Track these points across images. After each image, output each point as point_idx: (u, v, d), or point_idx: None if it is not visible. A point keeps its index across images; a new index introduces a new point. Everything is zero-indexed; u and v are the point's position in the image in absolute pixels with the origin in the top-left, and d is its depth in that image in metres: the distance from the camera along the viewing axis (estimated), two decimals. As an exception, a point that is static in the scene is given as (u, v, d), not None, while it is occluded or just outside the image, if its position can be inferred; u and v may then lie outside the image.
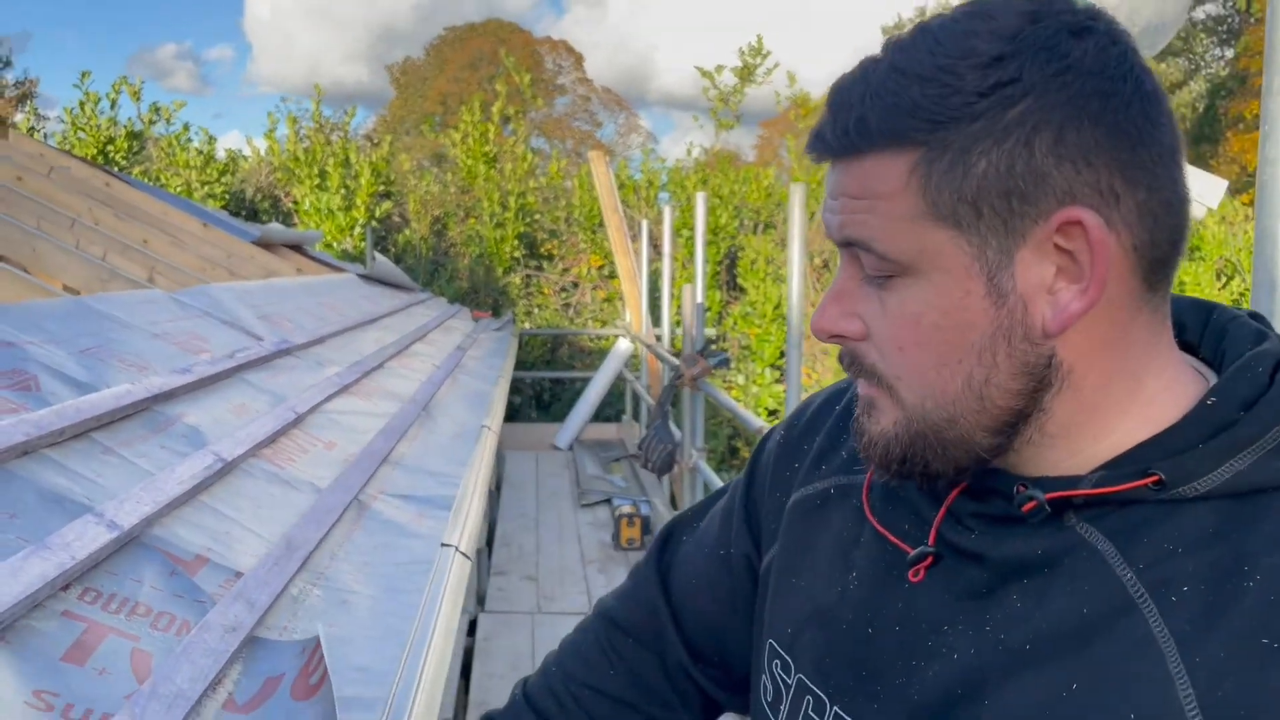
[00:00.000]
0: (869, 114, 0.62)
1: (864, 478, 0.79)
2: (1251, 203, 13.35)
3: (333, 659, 1.26)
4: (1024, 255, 0.61)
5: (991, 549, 0.65)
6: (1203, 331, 0.70)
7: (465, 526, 2.08)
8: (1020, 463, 0.66)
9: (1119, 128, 0.59)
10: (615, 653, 0.98)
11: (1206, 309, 0.71)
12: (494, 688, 4.04)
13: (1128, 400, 0.64)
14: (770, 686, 0.80)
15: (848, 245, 0.66)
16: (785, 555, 0.83)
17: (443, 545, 1.92)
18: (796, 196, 3.38)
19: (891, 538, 0.73)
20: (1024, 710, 0.60)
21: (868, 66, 0.64)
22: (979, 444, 0.65)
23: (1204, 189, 2.25)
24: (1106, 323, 0.62)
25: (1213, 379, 0.66)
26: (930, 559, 0.69)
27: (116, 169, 7.44)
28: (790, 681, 0.77)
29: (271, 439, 2.16)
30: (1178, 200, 0.62)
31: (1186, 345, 0.69)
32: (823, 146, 0.66)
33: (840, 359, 0.71)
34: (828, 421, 0.87)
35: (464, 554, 1.92)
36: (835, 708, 0.72)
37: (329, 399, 2.76)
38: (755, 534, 0.90)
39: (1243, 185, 16.27)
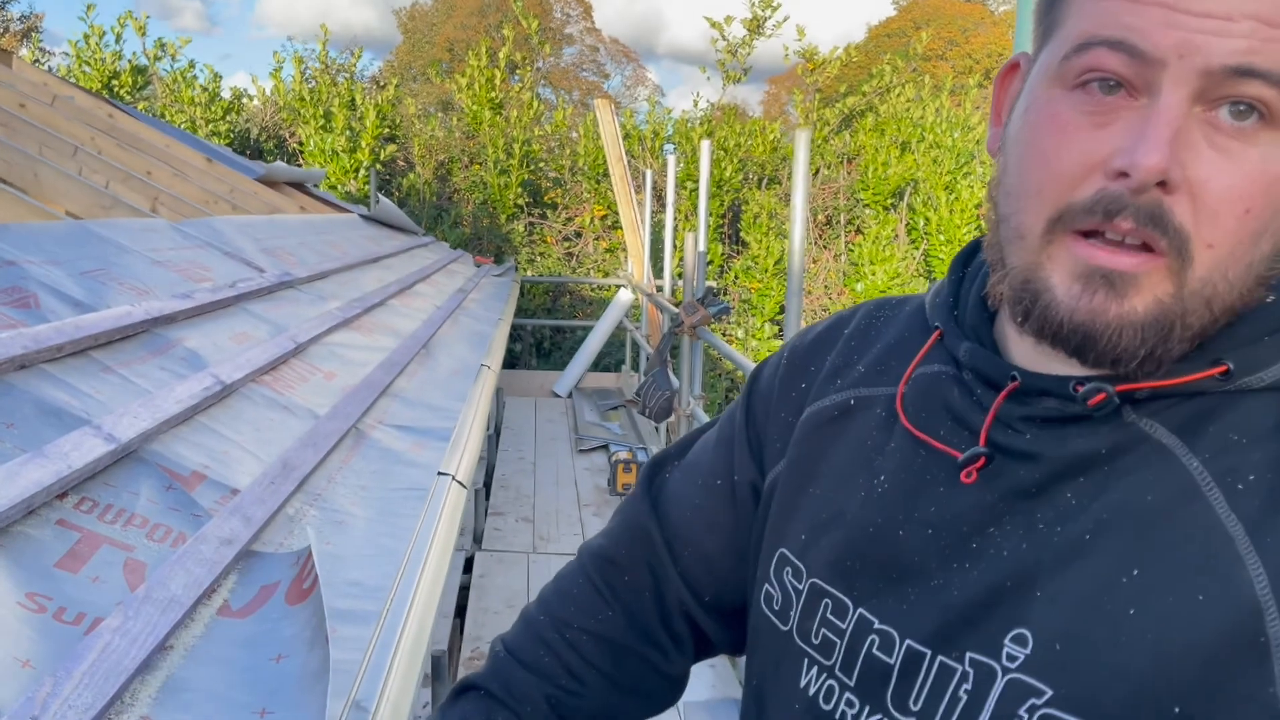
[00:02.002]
0: None
1: (887, 389, 0.77)
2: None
3: (328, 573, 1.27)
4: None
5: (1049, 448, 0.64)
6: None
7: (463, 457, 2.09)
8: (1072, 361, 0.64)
9: None
10: (610, 589, 0.93)
11: None
12: (489, 623, 4.09)
13: None
14: (778, 594, 0.78)
15: (1237, 75, 0.55)
16: (797, 467, 0.81)
17: (439, 474, 1.92)
18: (801, 143, 3.35)
19: (932, 441, 0.71)
20: (1080, 597, 0.59)
21: None
22: (1199, 331, 0.60)
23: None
24: None
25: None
26: (982, 460, 0.67)
27: (121, 103, 7.37)
28: (801, 587, 0.76)
29: (271, 366, 2.16)
30: None
31: None
32: None
33: (1108, 206, 0.58)
34: (838, 342, 0.85)
35: (460, 483, 1.93)
36: (860, 609, 0.70)
37: (329, 331, 2.76)
38: (759, 459, 0.88)
39: None
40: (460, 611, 4.26)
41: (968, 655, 0.63)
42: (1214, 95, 0.56)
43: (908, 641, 0.67)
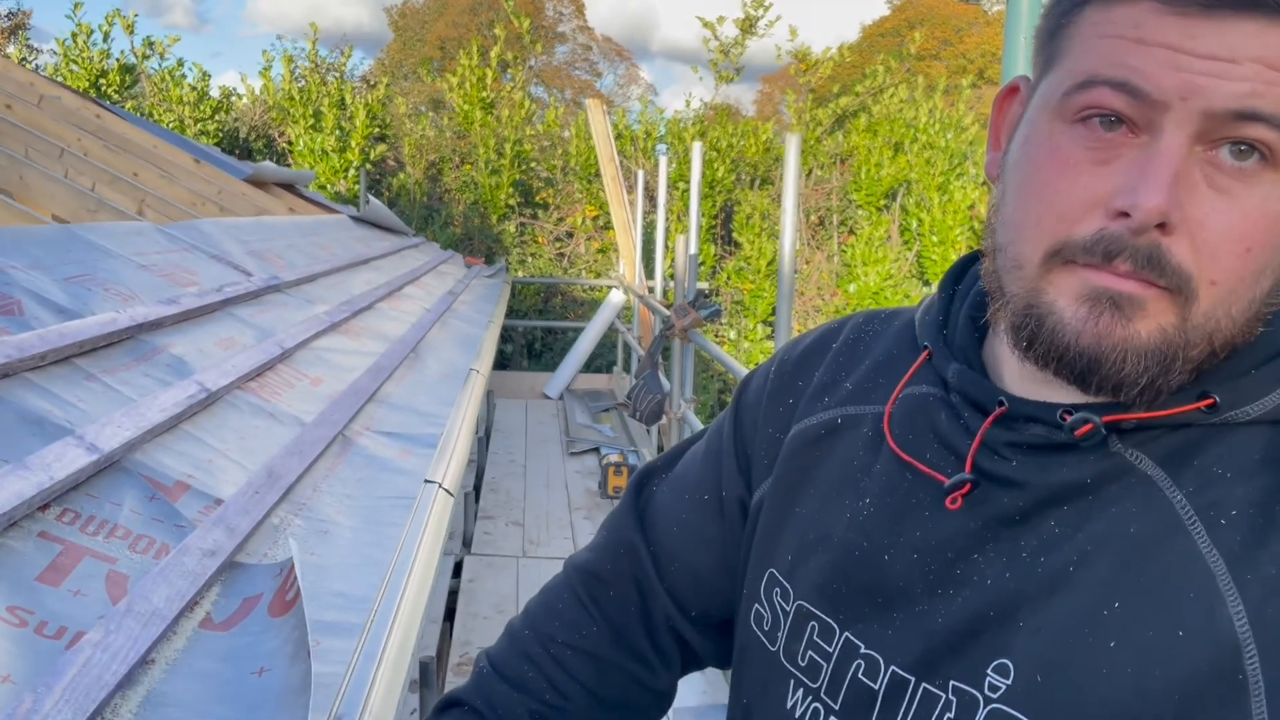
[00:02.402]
0: None
1: (875, 408, 0.77)
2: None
3: (312, 584, 1.27)
4: None
5: (1034, 476, 0.64)
6: None
7: (450, 464, 2.09)
8: (1062, 388, 0.65)
9: None
10: (596, 605, 0.92)
11: None
12: (478, 628, 4.08)
13: None
14: (768, 614, 0.78)
15: (1239, 119, 0.55)
16: (784, 486, 0.81)
17: (426, 481, 1.92)
18: (792, 146, 3.35)
19: (919, 465, 0.70)
20: (1062, 628, 0.59)
21: None
22: (1198, 365, 0.61)
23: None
24: None
25: None
26: (968, 487, 0.66)
27: (109, 103, 7.35)
28: (789, 608, 0.75)
29: (257, 372, 2.15)
30: None
31: None
32: None
33: (1108, 247, 0.58)
34: (825, 357, 0.85)
35: (447, 490, 1.92)
36: (846, 633, 0.70)
37: (317, 336, 2.75)
38: (746, 474, 0.87)
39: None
40: (449, 616, 4.26)
41: (951, 683, 0.63)
42: (1215, 136, 0.56)
43: (893, 667, 0.67)
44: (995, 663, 0.61)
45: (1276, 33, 0.54)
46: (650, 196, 10.05)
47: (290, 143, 11.75)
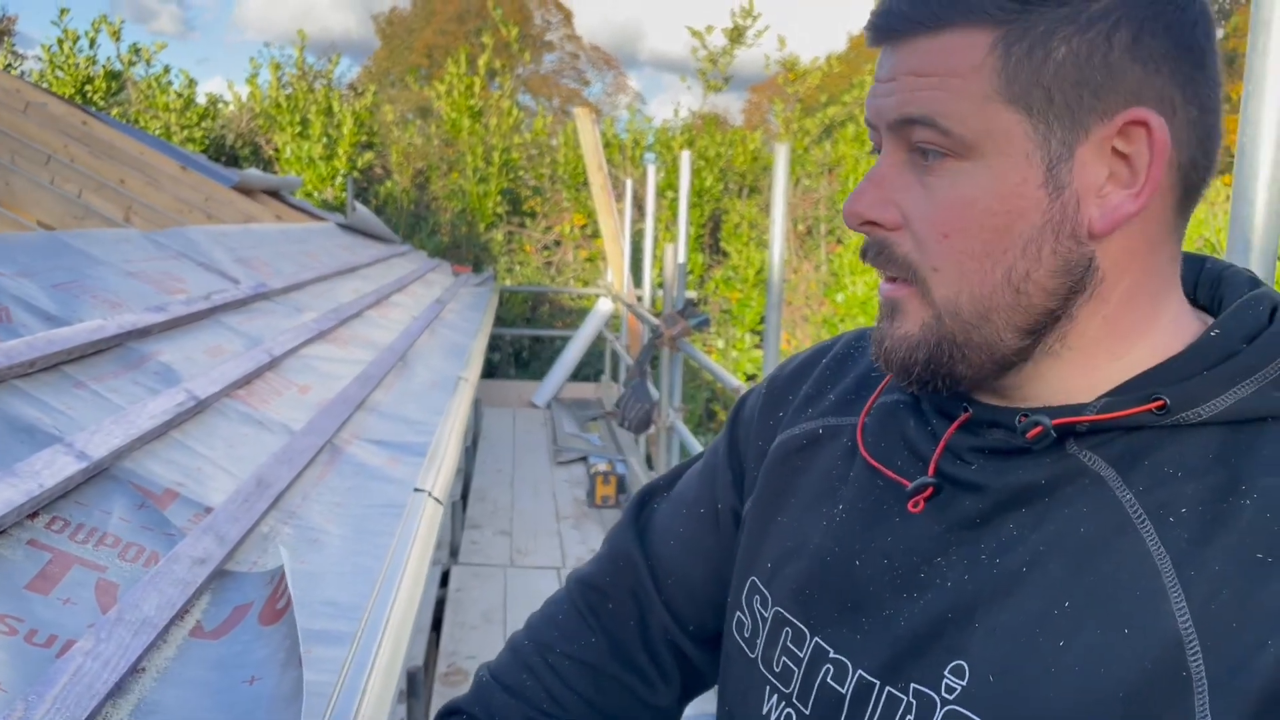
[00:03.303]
0: None
1: (853, 419, 0.79)
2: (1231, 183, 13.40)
3: (302, 593, 1.26)
4: (1083, 152, 0.61)
5: (992, 479, 0.65)
6: (1196, 280, 0.71)
7: (439, 473, 2.08)
8: (1031, 388, 0.67)
9: (1187, 43, 0.61)
10: (595, 616, 0.93)
11: (1198, 260, 0.72)
12: (465, 638, 4.07)
13: (1146, 324, 0.65)
14: (748, 622, 0.79)
15: (905, 124, 0.64)
16: (766, 495, 0.82)
17: (415, 490, 1.92)
18: (781, 156, 3.37)
19: (886, 471, 0.72)
20: (1014, 629, 0.60)
21: None
22: (1006, 344, 0.65)
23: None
24: (1142, 237, 0.63)
25: (1210, 321, 0.66)
26: (930, 490, 0.68)
27: (95, 109, 7.32)
28: (767, 615, 0.76)
29: (245, 380, 2.15)
30: (1218, 132, 0.64)
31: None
32: (894, 20, 0.64)
33: (864, 253, 0.68)
34: (814, 372, 0.87)
35: (436, 499, 1.92)
36: (816, 638, 0.71)
37: (305, 344, 2.75)
38: (739, 487, 0.89)
39: (1225, 166, 16.32)
40: (436, 626, 4.24)
41: (912, 686, 0.64)
42: (909, 144, 0.64)
43: (860, 671, 0.68)
44: (952, 664, 0.62)
45: (924, 44, 0.63)
46: (638, 205, 10.06)
47: (277, 150, 11.73)
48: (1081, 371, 0.65)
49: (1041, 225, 0.62)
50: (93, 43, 11.54)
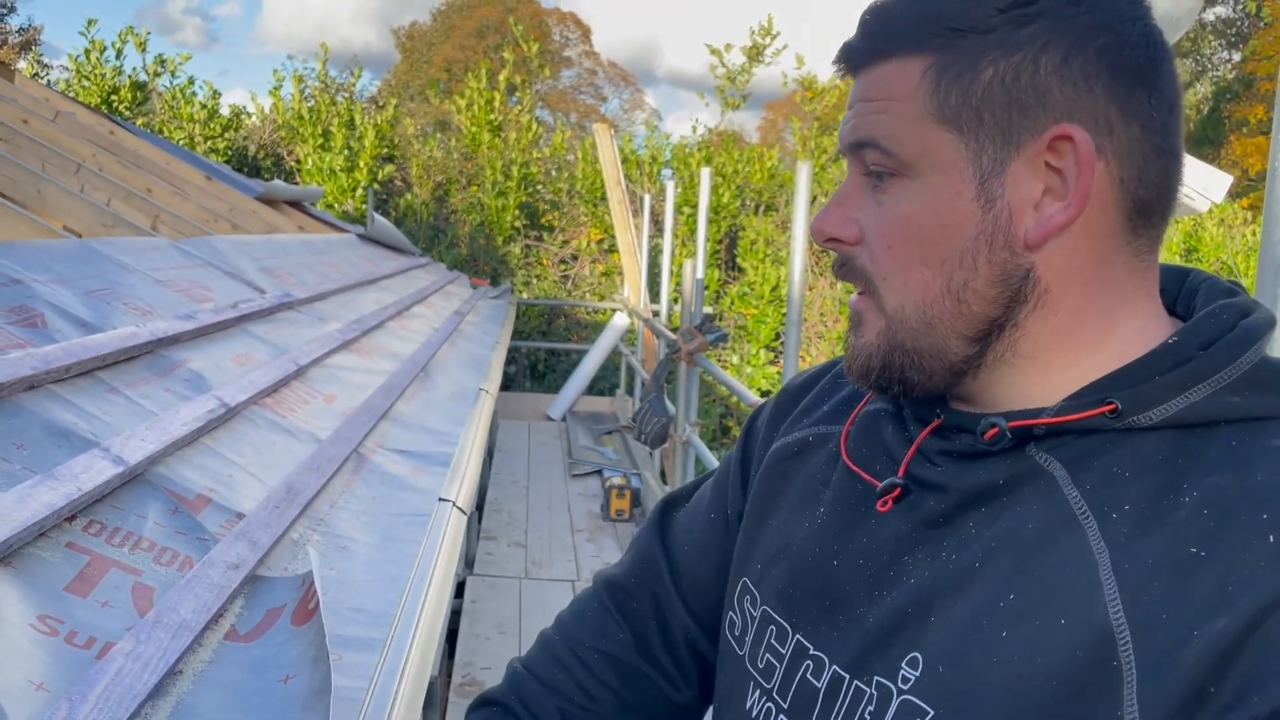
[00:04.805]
0: (894, 21, 0.67)
1: (841, 427, 0.82)
2: (1251, 206, 13.35)
3: (332, 599, 1.28)
4: (1016, 167, 0.65)
5: (954, 479, 0.68)
6: (1178, 292, 0.73)
7: (463, 483, 2.10)
8: (992, 395, 0.70)
9: (1122, 63, 0.64)
10: (621, 614, 0.97)
11: (1183, 272, 0.74)
12: (480, 649, 4.08)
13: (1101, 334, 0.67)
14: (738, 621, 0.83)
15: (858, 147, 0.69)
16: (759, 500, 0.86)
17: (440, 499, 1.93)
18: (802, 174, 3.38)
19: (863, 474, 0.75)
20: (964, 620, 0.62)
21: None
22: (954, 352, 0.68)
23: (1208, 183, 2.26)
24: (1087, 251, 0.66)
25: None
26: (898, 491, 0.71)
27: (121, 119, 7.40)
28: (756, 614, 0.80)
29: (273, 388, 2.17)
30: (1169, 149, 0.66)
31: (1166, 307, 0.72)
32: (849, 54, 0.71)
33: (834, 268, 0.74)
34: (817, 385, 0.91)
35: (460, 509, 1.94)
36: (797, 636, 0.74)
37: (330, 354, 2.77)
38: (748, 493, 0.93)
39: (1243, 189, 16.28)
40: (450, 636, 4.25)
41: (874, 679, 0.66)
42: (865, 166, 0.70)
43: (834, 667, 0.70)
44: (908, 656, 0.65)
45: (873, 74, 0.69)
46: (655, 221, 10.09)
47: (299, 161, 11.82)
48: (1037, 379, 0.68)
49: (975, 236, 0.66)
50: (119, 54, 11.67)
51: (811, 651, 0.73)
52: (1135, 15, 0.65)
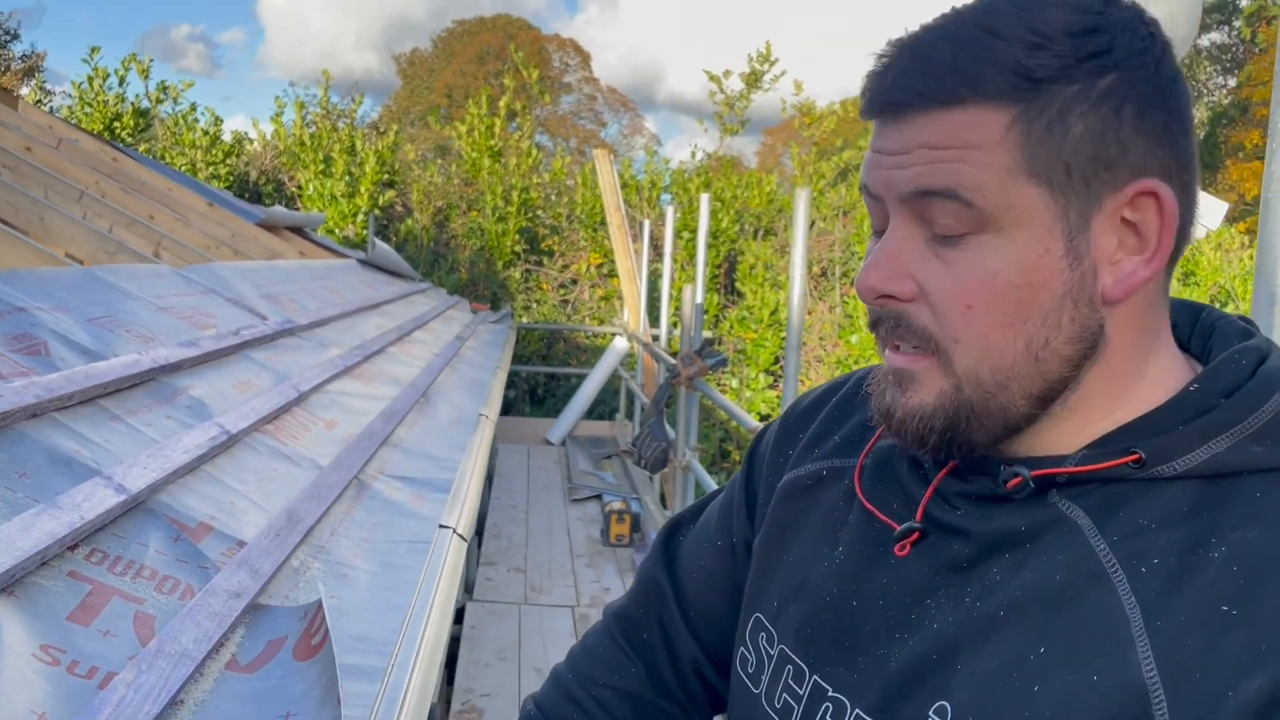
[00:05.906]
0: (967, 66, 0.63)
1: (855, 460, 0.81)
2: (1248, 230, 13.39)
3: (333, 628, 1.28)
4: (1098, 222, 0.64)
5: (976, 524, 0.67)
6: (1191, 329, 0.73)
7: (463, 509, 2.10)
8: (1021, 443, 0.68)
9: (1181, 114, 0.64)
10: (633, 648, 0.98)
11: (1196, 309, 0.74)
12: (480, 675, 4.06)
13: (1135, 381, 0.67)
14: (752, 658, 0.82)
15: (922, 197, 0.65)
16: (773, 533, 0.85)
17: (441, 526, 1.94)
18: (801, 201, 3.40)
19: (880, 515, 0.74)
20: (993, 672, 0.62)
21: (949, 24, 0.65)
22: (1018, 411, 0.66)
23: (1205, 210, 2.28)
24: (1143, 300, 0.66)
25: (1199, 370, 0.69)
26: (916, 535, 0.71)
27: (123, 146, 7.44)
28: (773, 653, 0.79)
29: (274, 415, 2.18)
30: (1196, 193, 0.66)
31: (1177, 343, 0.72)
32: (904, 94, 0.65)
33: (875, 325, 0.70)
34: (823, 410, 0.90)
35: (461, 536, 1.94)
36: (815, 677, 0.73)
37: (331, 380, 2.78)
38: (754, 521, 0.92)
39: (1240, 214, 16.33)
40: (449, 662, 4.23)
41: None
42: (924, 217, 0.66)
43: (856, 710, 0.69)
44: (936, 704, 0.64)
45: (937, 119, 0.64)
46: (655, 245, 10.12)
47: (300, 187, 11.87)
48: (1074, 428, 0.67)
49: (1062, 295, 0.64)
50: (122, 80, 11.74)
51: (830, 693, 0.72)
52: (1174, 65, 0.65)
